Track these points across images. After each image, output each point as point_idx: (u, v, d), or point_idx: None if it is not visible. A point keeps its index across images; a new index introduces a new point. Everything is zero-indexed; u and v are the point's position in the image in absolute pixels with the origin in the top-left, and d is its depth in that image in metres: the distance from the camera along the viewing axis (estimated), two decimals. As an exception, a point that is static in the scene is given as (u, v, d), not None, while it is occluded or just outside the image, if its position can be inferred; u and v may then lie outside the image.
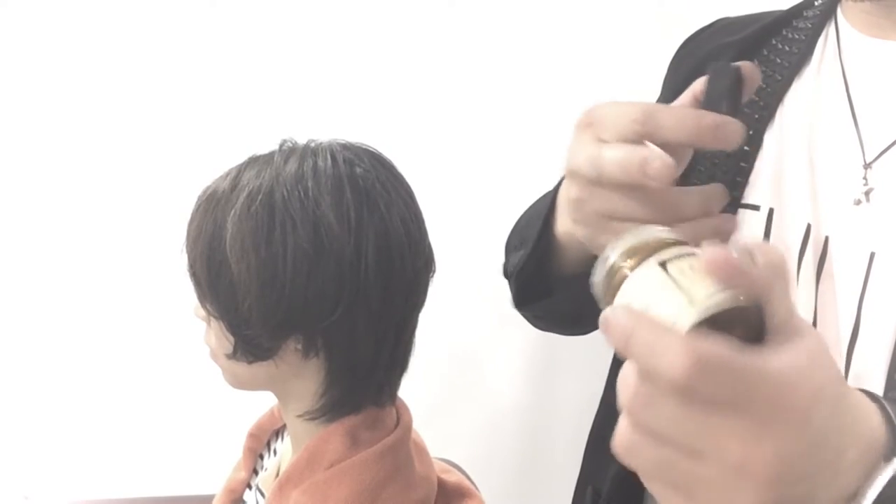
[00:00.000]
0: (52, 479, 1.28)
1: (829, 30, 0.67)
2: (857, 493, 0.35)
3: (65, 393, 1.27)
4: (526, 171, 1.23)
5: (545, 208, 0.66)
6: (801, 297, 0.57)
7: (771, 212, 0.60)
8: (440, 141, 1.23)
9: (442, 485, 0.77)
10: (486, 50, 1.22)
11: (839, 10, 0.67)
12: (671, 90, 0.72)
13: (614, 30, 1.22)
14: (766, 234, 0.60)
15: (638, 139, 0.47)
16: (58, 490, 1.27)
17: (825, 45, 0.66)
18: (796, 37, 0.67)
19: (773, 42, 0.68)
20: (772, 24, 0.70)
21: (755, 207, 0.62)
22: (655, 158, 0.45)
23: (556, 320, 0.80)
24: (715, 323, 0.35)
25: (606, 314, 0.36)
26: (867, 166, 0.58)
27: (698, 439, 0.34)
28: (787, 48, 0.67)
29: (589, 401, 0.74)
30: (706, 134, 0.46)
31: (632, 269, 0.38)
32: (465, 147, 1.24)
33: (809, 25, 0.67)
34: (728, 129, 0.46)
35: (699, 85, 0.50)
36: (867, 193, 0.57)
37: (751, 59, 0.66)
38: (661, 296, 0.36)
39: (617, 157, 0.47)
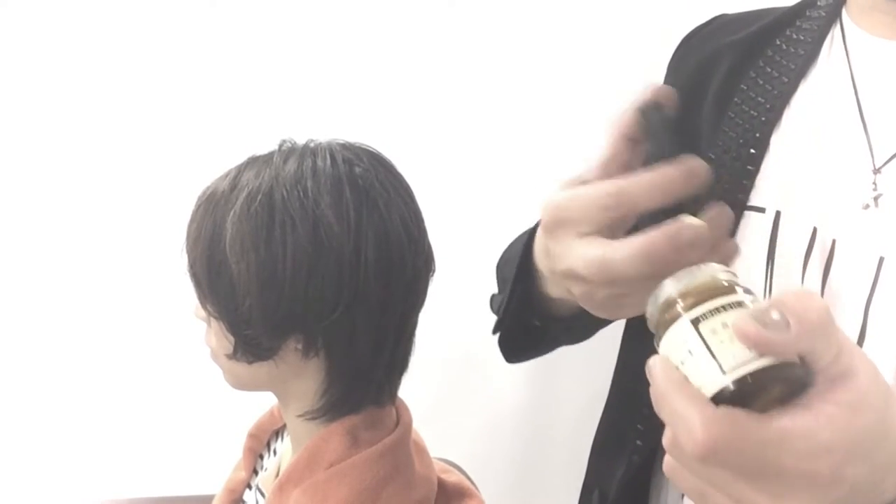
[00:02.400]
0: (53, 480, 1.28)
1: (835, 30, 0.65)
2: None
3: (65, 393, 1.27)
4: (526, 171, 1.23)
5: (515, 269, 0.64)
6: None
7: (778, 214, 0.60)
8: (439, 141, 1.23)
9: (442, 485, 0.77)
10: (486, 50, 1.22)
11: (844, 11, 0.65)
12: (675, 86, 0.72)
13: (615, 29, 1.22)
14: (773, 237, 0.59)
15: (617, 223, 0.46)
16: (58, 490, 1.27)
17: (831, 47, 0.64)
18: (801, 38, 0.66)
19: (777, 42, 0.67)
20: (774, 24, 0.69)
21: (761, 210, 0.61)
22: (684, 231, 0.44)
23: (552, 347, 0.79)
24: (746, 385, 0.35)
25: (649, 365, 0.38)
26: (876, 171, 0.57)
27: (728, 492, 0.36)
28: (791, 49, 0.66)
29: (589, 401, 0.74)
30: (678, 187, 0.45)
31: (685, 309, 0.38)
32: (464, 147, 1.24)
33: (815, 27, 0.66)
34: (696, 172, 0.45)
35: (627, 126, 0.49)
36: (876, 199, 0.56)
37: (755, 61, 0.67)
38: (695, 355, 0.36)
39: (629, 255, 0.44)
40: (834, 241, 0.56)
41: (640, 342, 0.67)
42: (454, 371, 1.23)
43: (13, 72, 1.20)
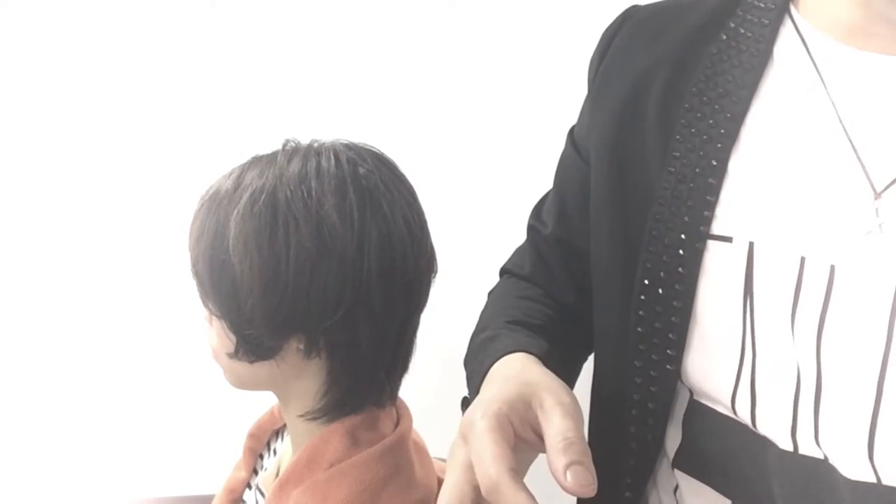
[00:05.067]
0: (53, 480, 1.28)
1: (785, 33, 0.60)
2: None
3: (65, 393, 1.27)
4: (527, 172, 1.23)
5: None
6: (803, 331, 0.53)
7: (751, 245, 0.56)
8: (442, 141, 1.23)
9: (442, 485, 0.77)
10: (487, 50, 1.22)
11: (793, 10, 0.60)
12: (597, 121, 0.67)
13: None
14: (749, 269, 0.56)
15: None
16: (58, 490, 1.27)
17: (788, 55, 0.59)
18: (742, 46, 0.60)
19: (714, 51, 0.61)
20: (703, 28, 0.63)
21: (727, 239, 0.57)
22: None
23: None
24: None
25: None
26: (878, 196, 0.53)
27: None
28: (734, 59, 0.60)
29: (589, 401, 0.73)
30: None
31: None
32: (467, 148, 1.24)
33: (757, 32, 0.60)
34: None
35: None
36: (881, 225, 0.52)
37: (693, 74, 0.61)
38: None
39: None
40: (833, 268, 0.53)
41: (611, 355, 0.66)
42: (454, 371, 1.23)
43: (13, 72, 1.20)
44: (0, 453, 1.27)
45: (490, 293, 0.82)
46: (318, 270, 0.64)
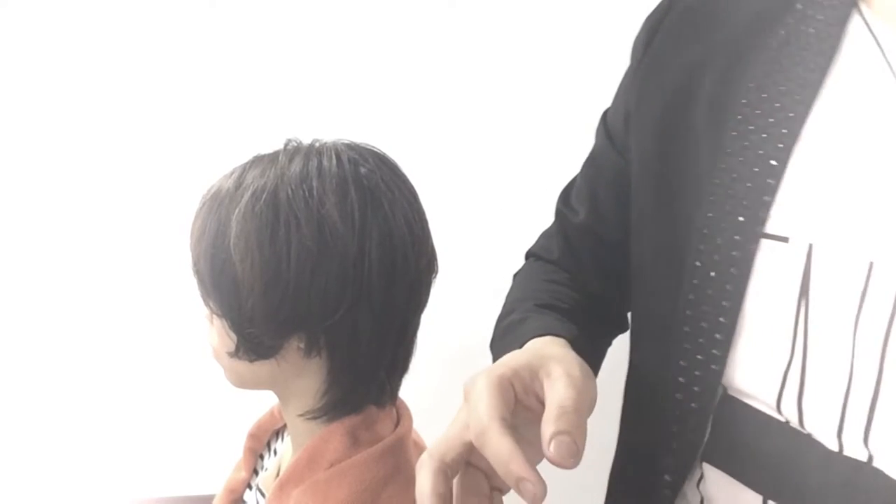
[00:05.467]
0: (53, 480, 1.27)
1: (853, 28, 0.56)
2: None
3: (65, 393, 1.27)
4: (529, 172, 1.23)
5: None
6: (867, 336, 0.52)
7: (810, 247, 0.54)
8: (443, 141, 1.23)
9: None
10: (488, 50, 1.22)
11: (863, 7, 0.57)
12: (644, 112, 0.65)
13: (616, 29, 1.22)
14: (807, 272, 0.54)
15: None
16: (58, 490, 1.27)
17: (857, 51, 0.55)
18: (803, 42, 0.57)
19: (774, 45, 0.58)
20: (760, 20, 0.60)
21: (783, 239, 0.55)
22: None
23: None
24: None
25: None
26: None
27: None
28: (795, 57, 0.57)
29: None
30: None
31: None
32: (468, 148, 1.24)
33: (821, 28, 0.58)
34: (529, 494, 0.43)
35: None
36: None
37: (750, 68, 0.59)
38: None
39: (497, 448, 0.44)
40: None
41: (653, 353, 0.65)
42: (455, 371, 1.23)
43: (14, 72, 1.20)
44: (1, 454, 1.27)
45: (515, 275, 0.81)
46: (318, 270, 0.64)
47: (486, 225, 1.24)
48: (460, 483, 0.48)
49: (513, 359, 0.51)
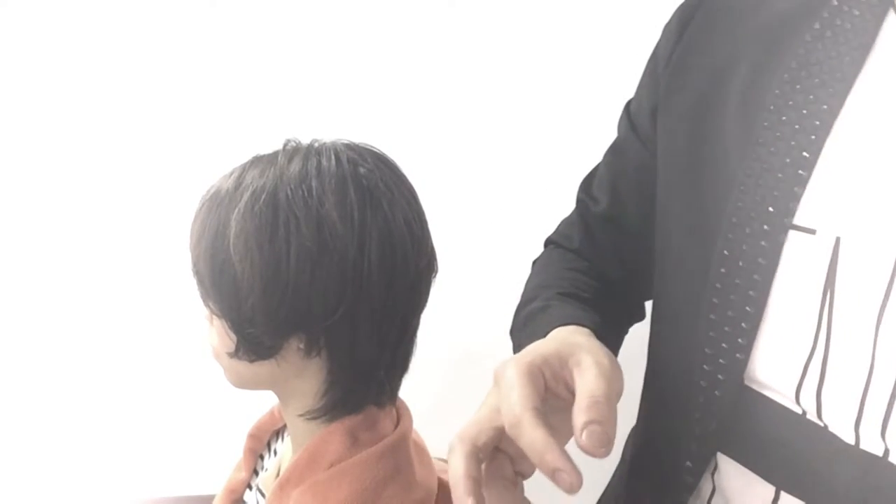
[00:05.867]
0: (53, 480, 1.28)
1: (889, 24, 0.56)
2: None
3: (65, 393, 1.27)
4: (528, 172, 1.24)
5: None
6: (890, 330, 0.52)
7: (837, 240, 0.54)
8: (443, 141, 1.23)
9: (442, 485, 0.77)
10: (488, 50, 1.22)
11: None
12: (674, 103, 0.65)
13: (616, 29, 1.22)
14: (833, 264, 0.54)
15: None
16: (58, 491, 1.27)
17: (893, 48, 0.56)
18: (838, 37, 0.58)
19: (808, 38, 0.59)
20: (795, 14, 0.61)
21: (810, 231, 0.56)
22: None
23: None
24: None
25: None
26: None
27: None
28: (830, 49, 0.58)
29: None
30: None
31: None
32: (467, 147, 1.24)
33: (857, 22, 0.58)
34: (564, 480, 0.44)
35: None
36: None
37: (783, 60, 0.59)
38: None
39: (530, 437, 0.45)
40: None
41: (677, 340, 0.65)
42: (454, 371, 1.23)
43: (13, 72, 1.20)
44: (1, 453, 1.27)
45: (535, 262, 0.82)
46: (318, 270, 0.64)
47: (485, 225, 1.24)
48: (487, 467, 0.49)
49: (541, 346, 0.52)
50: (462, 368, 1.27)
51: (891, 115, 0.55)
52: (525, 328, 0.68)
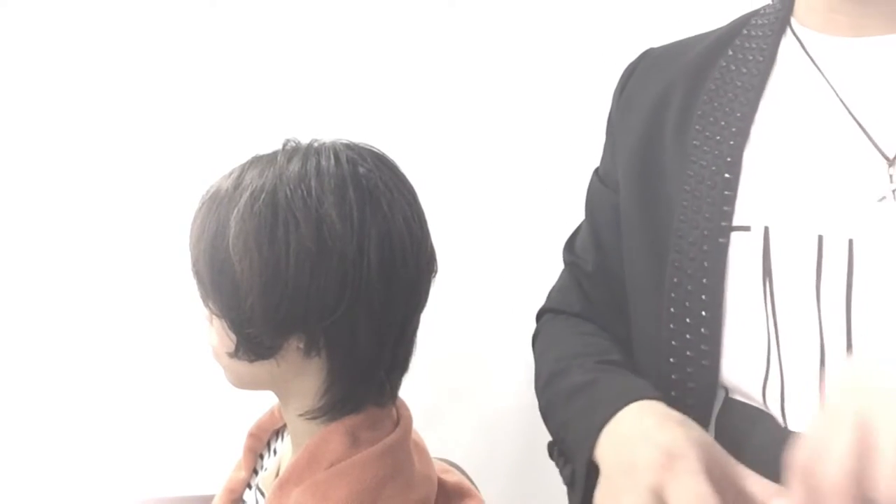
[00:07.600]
0: (53, 480, 1.28)
1: (786, 39, 0.66)
2: None
3: (65, 393, 1.27)
4: (528, 172, 1.24)
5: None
6: (830, 306, 0.56)
7: (766, 230, 0.59)
8: (442, 141, 1.23)
9: (442, 485, 0.77)
10: (488, 50, 1.22)
11: (793, 19, 0.67)
12: (622, 146, 0.72)
13: (615, 29, 1.22)
14: (766, 252, 0.59)
15: None
16: (58, 491, 1.27)
17: (789, 55, 0.65)
18: (747, 56, 0.67)
19: (723, 63, 0.68)
20: (712, 48, 0.70)
21: (745, 228, 0.61)
22: None
23: None
24: None
25: None
26: (892, 163, 0.56)
27: None
28: (741, 68, 0.67)
29: None
30: None
31: None
32: (467, 147, 1.24)
33: (761, 42, 0.67)
34: None
35: None
36: (894, 190, 0.56)
37: (703, 86, 0.67)
38: None
39: None
40: (851, 241, 0.56)
41: (647, 356, 0.67)
42: (454, 371, 1.23)
43: (14, 72, 1.20)
44: (1, 453, 1.27)
45: (536, 335, 0.82)
46: (317, 269, 0.64)
47: (485, 224, 1.24)
48: None
49: (681, 444, 0.52)
50: (462, 368, 1.27)
51: (796, 114, 0.62)
52: (570, 405, 0.67)
